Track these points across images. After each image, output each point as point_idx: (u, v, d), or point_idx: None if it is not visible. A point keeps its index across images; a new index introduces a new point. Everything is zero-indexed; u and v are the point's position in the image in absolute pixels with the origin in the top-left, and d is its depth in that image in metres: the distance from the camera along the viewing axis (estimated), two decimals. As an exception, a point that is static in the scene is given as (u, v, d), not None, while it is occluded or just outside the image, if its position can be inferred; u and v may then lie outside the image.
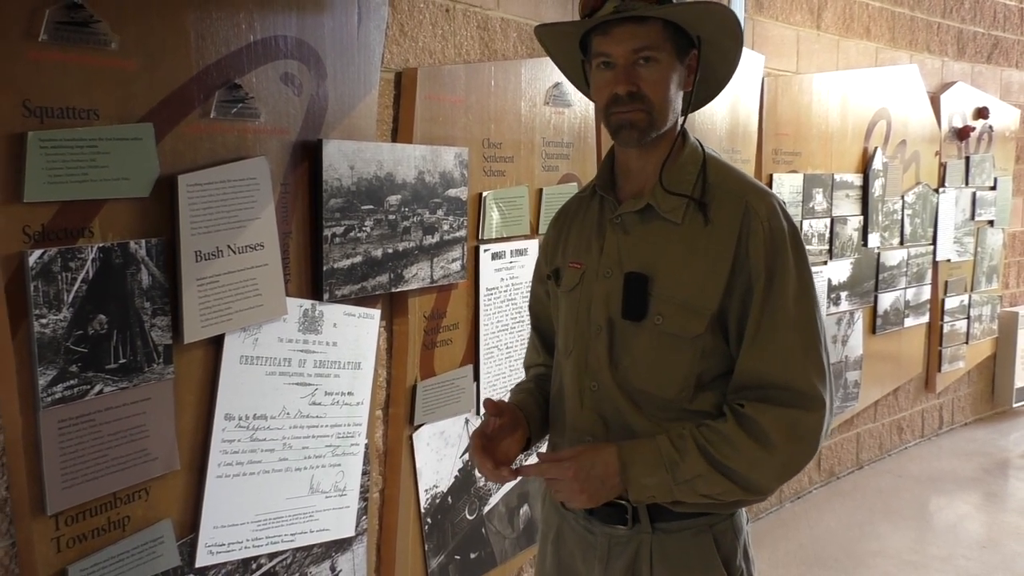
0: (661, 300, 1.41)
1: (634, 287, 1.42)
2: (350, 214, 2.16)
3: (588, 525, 1.52)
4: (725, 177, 1.44)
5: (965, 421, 5.73)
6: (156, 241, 1.75)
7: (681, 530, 1.45)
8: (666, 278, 1.41)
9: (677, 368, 1.42)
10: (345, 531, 2.25)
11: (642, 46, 1.37)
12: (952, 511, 4.39)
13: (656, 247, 1.44)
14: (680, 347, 1.41)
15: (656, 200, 1.43)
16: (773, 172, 3.89)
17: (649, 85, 1.38)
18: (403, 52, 2.40)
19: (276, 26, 1.98)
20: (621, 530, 1.47)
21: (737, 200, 1.40)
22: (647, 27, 1.37)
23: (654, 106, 1.39)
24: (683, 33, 1.41)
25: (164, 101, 1.76)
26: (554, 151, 2.86)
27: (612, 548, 1.48)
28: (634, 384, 1.45)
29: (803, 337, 1.37)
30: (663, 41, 1.38)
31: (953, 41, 5.09)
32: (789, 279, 1.37)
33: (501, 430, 1.50)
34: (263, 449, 2.01)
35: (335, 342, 2.17)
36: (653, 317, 1.41)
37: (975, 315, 5.45)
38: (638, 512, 1.45)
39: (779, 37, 3.95)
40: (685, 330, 1.40)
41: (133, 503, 1.77)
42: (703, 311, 1.39)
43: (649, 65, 1.38)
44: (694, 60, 1.43)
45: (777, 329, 1.37)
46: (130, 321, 1.71)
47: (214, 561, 1.93)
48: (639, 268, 1.43)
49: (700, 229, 1.40)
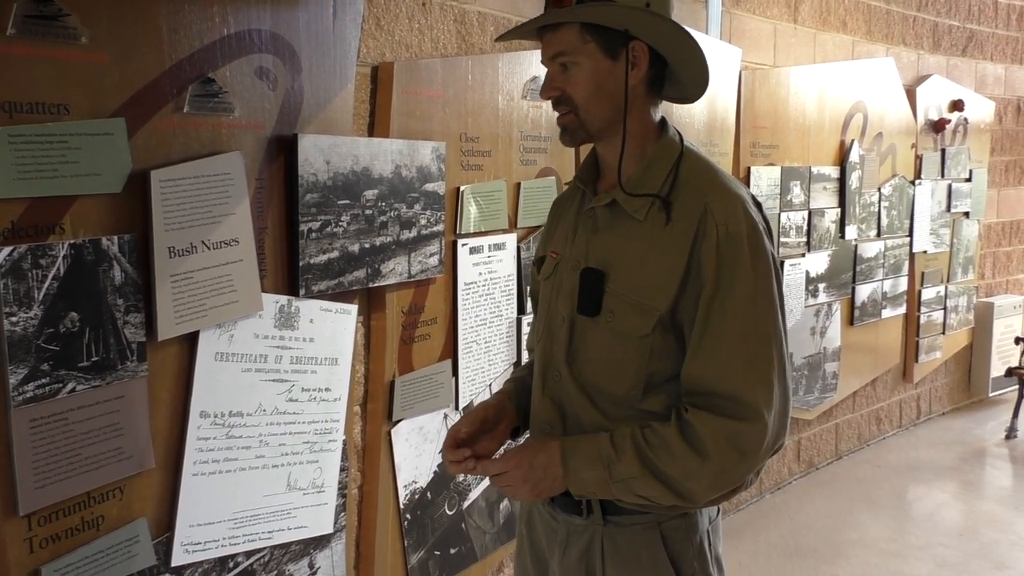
0: (614, 297, 1.40)
1: (590, 283, 1.42)
2: (326, 209, 2.15)
3: (552, 512, 1.54)
4: (696, 176, 1.40)
5: (942, 411, 5.79)
6: (129, 237, 1.73)
7: (631, 524, 1.45)
8: (621, 275, 1.40)
9: (626, 366, 1.41)
10: (323, 528, 2.24)
11: (557, 52, 1.39)
12: (930, 500, 4.43)
13: (617, 243, 1.43)
14: (628, 346, 1.40)
15: (620, 196, 1.42)
16: (751, 165, 3.90)
17: (571, 87, 1.39)
18: (379, 46, 2.39)
19: (250, 20, 1.96)
20: (578, 520, 1.48)
21: (698, 200, 1.36)
22: (562, 32, 1.38)
23: (579, 107, 1.40)
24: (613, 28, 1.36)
25: (136, 95, 1.74)
26: (532, 145, 2.85)
27: (570, 536, 1.50)
28: (588, 378, 1.45)
29: (750, 346, 1.33)
30: (583, 43, 1.37)
31: (929, 34, 5.13)
32: (741, 285, 1.33)
33: (471, 437, 1.51)
34: (239, 447, 1.99)
35: (312, 338, 2.15)
36: (605, 314, 1.41)
37: (951, 306, 5.50)
38: (591, 504, 1.46)
39: (756, 30, 3.97)
40: (633, 329, 1.39)
41: (107, 502, 1.75)
42: (652, 311, 1.37)
43: (570, 69, 1.39)
44: (639, 52, 1.38)
45: (724, 336, 1.33)
46: (102, 318, 1.69)
47: (190, 560, 1.91)
48: (598, 264, 1.43)
49: (661, 228, 1.38)
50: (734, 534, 3.94)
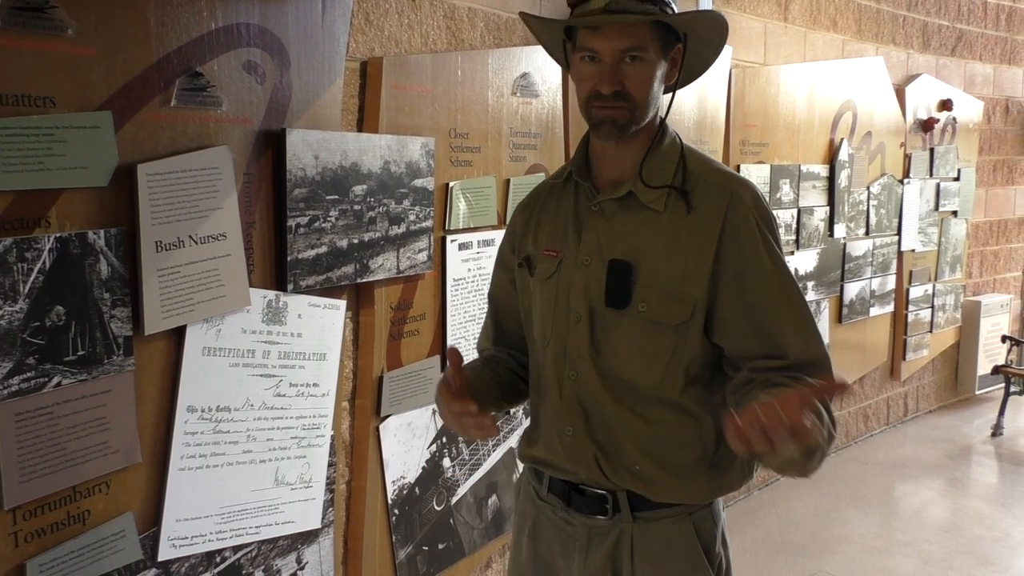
0: (645, 287, 1.41)
1: (618, 274, 1.43)
2: (315, 204, 2.15)
3: (567, 516, 1.52)
4: (704, 167, 1.47)
5: (929, 408, 5.82)
6: (115, 231, 1.72)
7: (660, 519, 1.45)
8: (649, 265, 1.42)
9: (660, 356, 1.42)
10: (311, 523, 2.24)
11: (630, 46, 1.37)
12: (916, 497, 4.46)
13: (638, 235, 1.44)
14: (663, 334, 1.42)
15: (638, 189, 1.44)
16: (740, 163, 3.92)
17: (634, 84, 1.39)
18: (369, 41, 2.38)
19: (239, 13, 1.96)
20: (601, 520, 1.48)
21: (722, 189, 1.42)
22: (638, 27, 1.37)
23: (637, 104, 1.39)
24: (670, 28, 1.41)
25: (123, 89, 1.73)
26: (521, 141, 2.86)
27: (592, 538, 1.49)
28: (615, 372, 1.45)
29: (804, 314, 1.41)
30: (651, 40, 1.38)
31: (918, 34, 5.15)
32: (778, 260, 1.41)
33: (461, 390, 1.44)
34: (226, 441, 1.99)
35: (300, 333, 2.15)
36: (637, 304, 1.42)
37: (939, 304, 5.53)
38: (618, 501, 1.46)
39: (747, 29, 3.97)
40: (669, 317, 1.41)
41: (93, 497, 1.75)
42: (687, 298, 1.40)
43: (635, 64, 1.38)
44: (678, 54, 1.44)
45: (783, 308, 1.40)
46: (89, 312, 1.69)
47: (177, 555, 1.91)
48: (622, 255, 1.43)
49: (682, 217, 1.41)
50: (722, 530, 3.95)
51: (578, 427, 1.48)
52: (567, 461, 1.50)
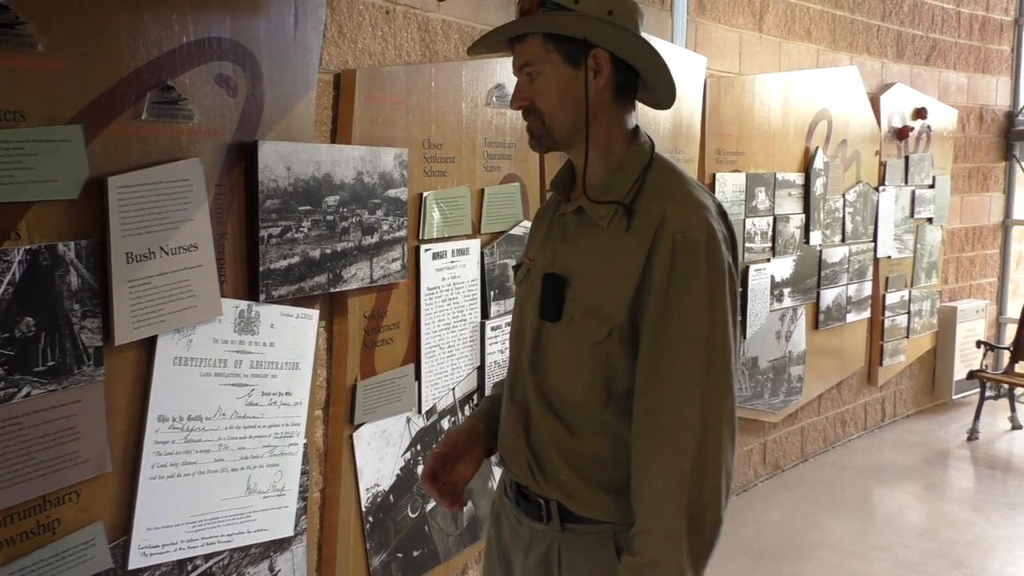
0: (574, 302, 1.42)
1: (551, 288, 1.44)
2: (287, 215, 2.17)
3: (518, 516, 1.56)
4: (661, 183, 1.41)
5: (907, 413, 5.88)
6: (86, 243, 1.74)
7: (587, 533, 1.46)
8: (581, 281, 1.42)
9: (583, 373, 1.42)
10: (284, 531, 2.26)
11: (524, 62, 1.42)
12: (893, 501, 4.51)
13: (581, 250, 1.45)
14: (585, 352, 1.41)
15: (584, 203, 1.44)
16: (716, 171, 3.96)
17: (536, 96, 1.42)
18: (342, 53, 2.41)
19: (210, 28, 1.98)
20: (539, 526, 1.50)
21: (657, 207, 1.37)
22: (526, 43, 1.41)
23: (544, 115, 1.42)
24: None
25: (94, 102, 1.75)
26: (496, 152, 2.89)
27: (532, 540, 1.53)
28: (550, 385, 1.47)
29: (694, 353, 1.33)
30: (545, 52, 1.39)
31: (892, 43, 5.22)
32: (693, 293, 1.33)
33: (448, 459, 1.56)
34: (198, 450, 2.01)
35: (272, 342, 2.18)
36: (566, 319, 1.42)
37: (915, 310, 5.59)
38: (551, 510, 1.48)
39: (721, 39, 4.03)
40: (589, 335, 1.40)
41: (63, 506, 1.76)
42: (608, 318, 1.38)
43: (534, 78, 1.42)
44: (602, 59, 1.39)
45: (668, 344, 1.34)
46: (59, 323, 1.70)
47: (148, 563, 1.93)
48: (562, 270, 1.45)
49: (621, 235, 1.39)
50: (699, 536, 3.98)
51: (519, 432, 1.51)
52: (512, 464, 1.54)
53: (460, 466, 1.58)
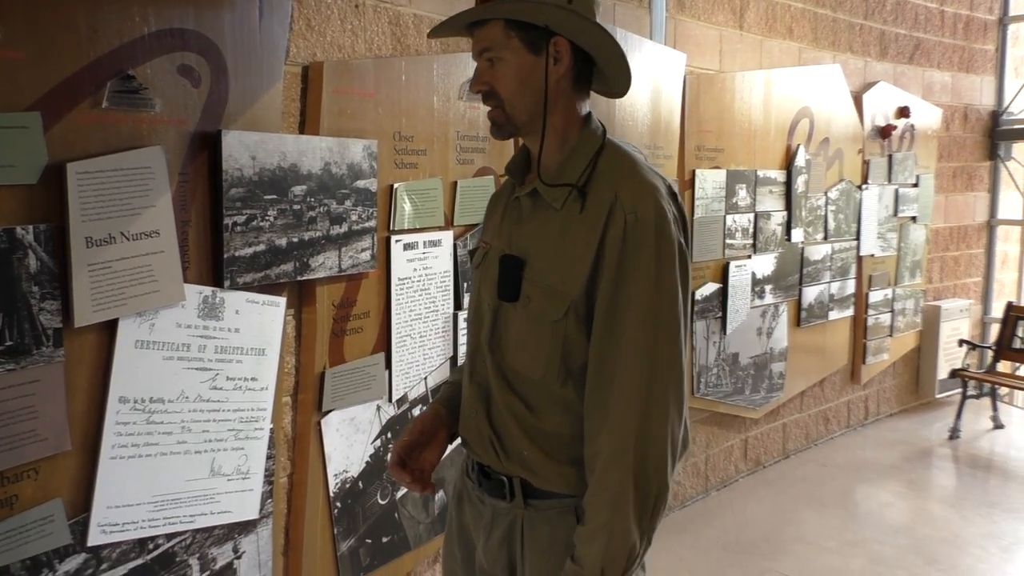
0: (531, 283, 1.47)
1: (507, 269, 1.48)
2: (252, 203, 2.21)
3: (480, 495, 1.59)
4: (612, 167, 1.45)
5: (890, 412, 5.90)
6: (45, 227, 1.79)
7: (549, 508, 1.51)
8: (538, 262, 1.47)
9: (541, 350, 1.47)
10: (248, 514, 2.30)
11: (484, 48, 1.45)
12: (873, 499, 4.53)
13: (536, 232, 1.49)
14: (543, 330, 1.46)
15: (539, 186, 1.48)
16: (696, 168, 4.00)
17: (497, 82, 1.45)
18: (310, 46, 2.45)
19: (172, 19, 2.03)
20: (502, 504, 1.54)
21: (609, 189, 1.41)
22: (487, 28, 1.44)
23: (504, 102, 1.45)
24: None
25: (53, 91, 1.80)
26: (469, 145, 2.93)
27: (495, 519, 1.56)
28: (508, 363, 1.51)
29: (645, 335, 1.38)
30: (507, 39, 1.43)
31: (876, 42, 5.25)
32: (643, 272, 1.38)
33: (413, 446, 1.60)
34: (160, 432, 2.05)
35: (237, 328, 2.22)
36: (523, 299, 1.47)
37: (899, 309, 5.62)
38: (514, 487, 1.52)
39: (701, 36, 4.06)
40: (547, 314, 1.44)
41: (22, 482, 1.81)
42: (564, 297, 1.43)
43: (495, 64, 1.45)
44: (561, 47, 1.43)
45: (621, 323, 1.39)
46: (17, 305, 1.75)
47: (107, 540, 1.97)
48: (518, 251, 1.49)
49: (575, 216, 1.44)
50: (677, 529, 4.02)
51: (480, 411, 1.55)
52: (473, 443, 1.58)
53: (427, 452, 1.61)
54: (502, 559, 1.56)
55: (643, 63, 3.63)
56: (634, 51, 3.59)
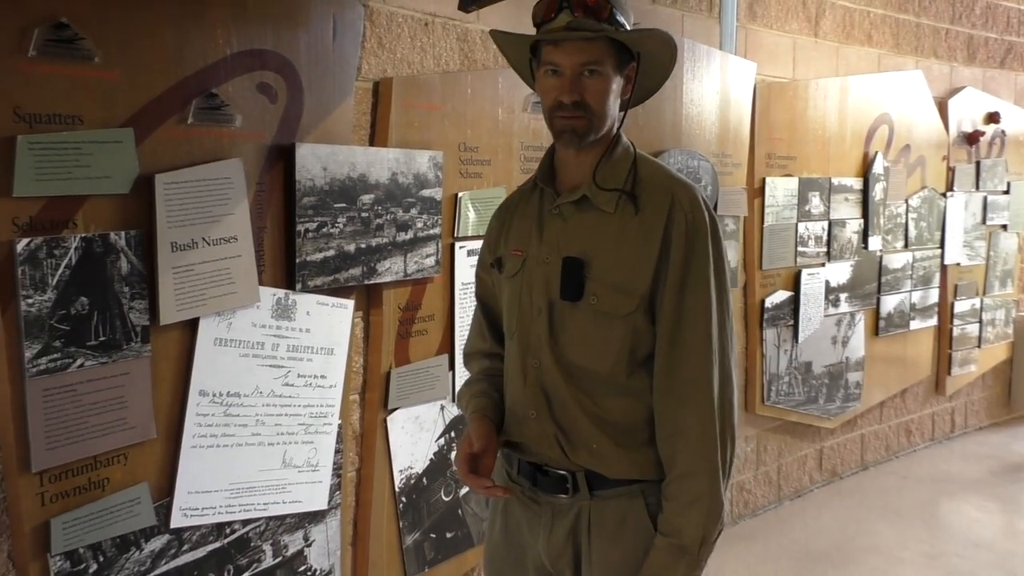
0: (596, 282, 1.57)
1: (571, 270, 1.59)
2: (323, 211, 2.36)
3: (533, 496, 1.67)
4: (654, 172, 1.63)
5: (979, 425, 5.71)
6: (135, 233, 1.97)
7: (616, 496, 1.60)
8: (600, 262, 1.58)
9: (610, 344, 1.58)
10: (317, 504, 2.44)
11: (588, 60, 1.54)
12: (955, 512, 4.41)
13: (591, 234, 1.60)
14: (613, 324, 1.57)
15: (591, 192, 1.60)
16: (766, 176, 3.99)
17: (592, 95, 1.55)
18: (381, 63, 2.59)
19: (253, 40, 2.19)
20: (563, 499, 1.62)
21: (665, 192, 1.57)
22: (595, 44, 1.53)
23: (595, 114, 1.55)
24: (624, 47, 1.57)
25: (144, 108, 1.98)
26: (533, 155, 3.02)
27: (555, 516, 1.64)
28: (571, 359, 1.60)
29: (707, 332, 1.56)
30: (607, 56, 1.54)
31: (963, 47, 5.12)
32: (702, 267, 1.55)
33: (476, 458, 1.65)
34: (236, 424, 2.21)
35: (308, 328, 2.36)
36: (589, 297, 1.57)
37: (988, 319, 5.44)
38: (577, 481, 1.60)
39: (773, 44, 4.06)
40: (618, 309, 1.56)
41: (112, 466, 1.98)
42: (634, 292, 1.56)
43: (593, 77, 1.54)
44: (632, 71, 1.60)
45: (690, 321, 1.56)
46: (110, 303, 1.93)
47: (188, 523, 2.13)
48: (575, 253, 1.59)
49: (631, 218, 1.57)
50: (748, 537, 4.01)
51: (541, 411, 1.63)
52: (533, 443, 1.65)
53: (485, 459, 1.65)
54: (568, 552, 1.63)
55: (711, 72, 3.66)
56: (701, 61, 3.62)
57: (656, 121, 3.47)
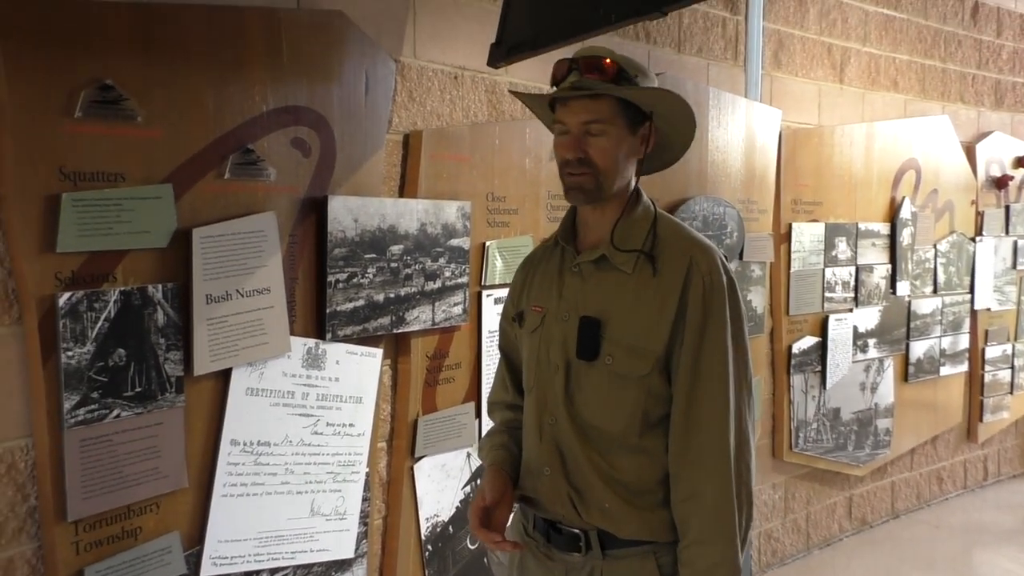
0: (612, 342, 1.58)
1: (587, 330, 1.59)
2: (353, 262, 2.40)
3: (548, 552, 1.67)
4: (674, 233, 1.63)
5: (1013, 473, 5.61)
6: (172, 285, 2.01)
7: (628, 556, 1.59)
8: (617, 322, 1.58)
9: (624, 405, 1.58)
10: (345, 552, 2.45)
11: (592, 119, 1.56)
12: (988, 563, 4.32)
13: (609, 294, 1.61)
14: (628, 386, 1.57)
15: (610, 252, 1.61)
16: (792, 221, 4.00)
17: (596, 152, 1.56)
18: (411, 116, 2.65)
19: (288, 97, 2.25)
20: (576, 557, 1.63)
21: (683, 255, 1.58)
22: (599, 102, 1.56)
23: (600, 171, 1.57)
24: (638, 107, 1.58)
25: (183, 164, 2.04)
26: (560, 203, 3.05)
27: (569, 573, 1.64)
28: (586, 419, 1.61)
29: (723, 389, 1.55)
30: (614, 115, 1.56)
31: (990, 92, 5.12)
32: (720, 330, 1.56)
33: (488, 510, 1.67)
34: (266, 472, 2.24)
35: (337, 378, 2.39)
36: (604, 358, 1.58)
37: (1020, 365, 5.37)
38: (591, 540, 1.61)
39: (799, 92, 4.09)
40: (633, 370, 1.56)
41: (145, 515, 2.02)
42: (649, 353, 1.56)
43: (598, 136, 1.56)
44: (647, 130, 1.60)
45: (706, 380, 1.55)
46: (146, 355, 1.97)
47: (217, 572, 2.15)
48: (593, 313, 1.60)
49: (649, 279, 1.58)
50: (775, 587, 3.96)
51: (555, 468, 1.64)
52: (546, 500, 1.66)
53: (499, 512, 1.68)
54: None
55: (736, 120, 3.69)
56: (727, 108, 3.66)
57: (682, 168, 3.49)
